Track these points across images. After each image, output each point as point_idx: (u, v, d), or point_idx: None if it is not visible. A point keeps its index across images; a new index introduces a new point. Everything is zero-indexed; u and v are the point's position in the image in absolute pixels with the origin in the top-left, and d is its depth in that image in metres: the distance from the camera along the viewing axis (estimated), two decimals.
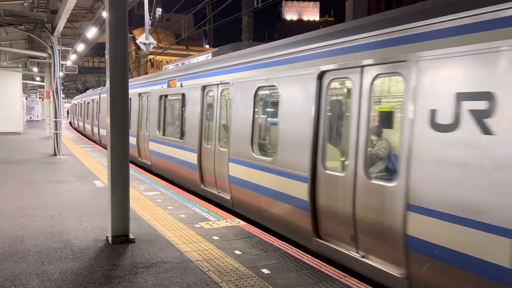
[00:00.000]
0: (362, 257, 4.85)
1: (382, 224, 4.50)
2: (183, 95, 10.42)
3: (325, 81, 5.49)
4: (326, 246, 5.40)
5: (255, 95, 7.09)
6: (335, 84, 5.50)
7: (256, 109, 7.20)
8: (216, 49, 10.95)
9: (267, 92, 7.17)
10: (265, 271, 4.73)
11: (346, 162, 5.15)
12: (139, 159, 13.49)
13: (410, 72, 4.20)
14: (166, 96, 11.68)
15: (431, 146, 3.93)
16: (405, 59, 4.26)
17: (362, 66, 4.87)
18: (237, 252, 5.34)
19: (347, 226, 5.03)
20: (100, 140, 21.17)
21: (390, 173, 4.77)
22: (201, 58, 11.25)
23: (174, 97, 11.41)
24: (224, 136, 8.37)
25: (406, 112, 4.26)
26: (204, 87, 9.20)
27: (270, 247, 5.55)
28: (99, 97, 21.86)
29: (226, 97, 8.40)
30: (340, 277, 4.58)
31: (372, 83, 4.76)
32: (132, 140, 12.91)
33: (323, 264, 4.99)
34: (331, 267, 4.89)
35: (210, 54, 10.82)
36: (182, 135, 10.33)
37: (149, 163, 12.65)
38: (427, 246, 3.95)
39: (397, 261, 4.35)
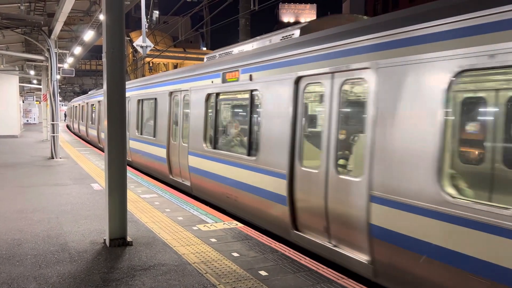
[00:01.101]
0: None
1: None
2: (251, 93, 7.34)
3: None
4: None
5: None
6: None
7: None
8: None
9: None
10: (263, 273, 4.73)
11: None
12: (170, 176, 10.66)
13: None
14: (217, 94, 8.66)
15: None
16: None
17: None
18: (235, 254, 5.34)
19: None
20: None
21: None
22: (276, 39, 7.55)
23: (234, 96, 8.65)
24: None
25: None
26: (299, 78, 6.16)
27: (267, 249, 5.56)
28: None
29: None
30: (338, 279, 4.59)
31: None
32: (157, 152, 11.58)
33: (320, 265, 5.00)
34: (329, 269, 4.90)
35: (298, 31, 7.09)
36: (252, 149, 7.25)
37: (188, 183, 9.72)
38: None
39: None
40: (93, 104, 23.87)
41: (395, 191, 4.32)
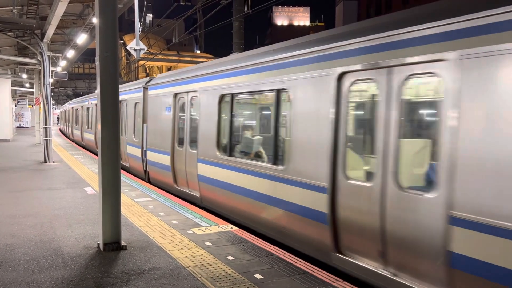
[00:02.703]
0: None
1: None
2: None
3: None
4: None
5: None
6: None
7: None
8: None
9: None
10: (258, 276, 4.72)
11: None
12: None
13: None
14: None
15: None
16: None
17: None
18: (230, 257, 5.33)
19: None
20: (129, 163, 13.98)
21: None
22: None
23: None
24: None
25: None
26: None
27: (262, 252, 5.55)
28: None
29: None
30: (333, 281, 4.59)
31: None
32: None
33: (315, 268, 5.00)
34: (324, 272, 4.89)
35: None
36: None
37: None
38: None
39: None
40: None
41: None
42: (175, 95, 9.91)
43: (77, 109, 27.64)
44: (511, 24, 3.41)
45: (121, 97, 14.33)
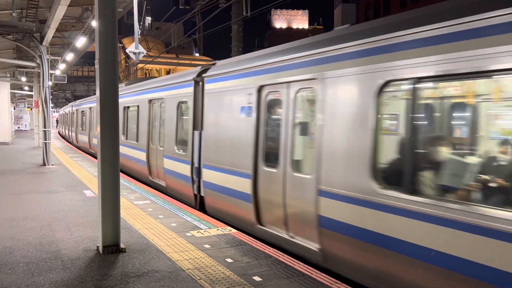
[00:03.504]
0: None
1: None
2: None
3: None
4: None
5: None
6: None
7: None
8: None
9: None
10: (257, 278, 4.74)
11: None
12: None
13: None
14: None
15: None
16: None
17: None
18: (229, 260, 5.34)
19: None
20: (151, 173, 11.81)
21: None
22: None
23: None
24: None
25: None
26: None
27: (261, 254, 5.56)
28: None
29: None
30: (331, 283, 4.61)
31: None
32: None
33: (313, 270, 5.01)
34: (322, 274, 4.91)
35: None
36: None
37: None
38: None
39: None
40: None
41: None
42: (261, 88, 6.69)
43: (83, 111, 24.12)
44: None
45: (152, 95, 11.35)
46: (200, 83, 8.69)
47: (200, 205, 8.65)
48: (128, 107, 14.43)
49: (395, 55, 4.46)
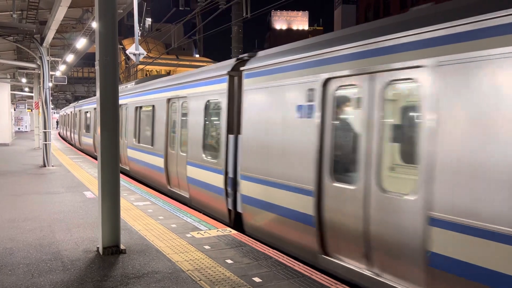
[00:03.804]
0: None
1: None
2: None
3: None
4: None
5: None
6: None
7: None
8: None
9: None
10: (257, 279, 4.74)
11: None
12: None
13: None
14: None
15: None
16: None
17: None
18: (229, 261, 5.34)
19: None
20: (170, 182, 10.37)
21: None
22: None
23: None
24: None
25: None
26: None
27: (261, 255, 5.57)
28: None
29: None
30: (331, 284, 4.61)
31: None
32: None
33: (314, 271, 5.02)
34: (322, 275, 4.92)
35: None
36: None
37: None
38: None
39: None
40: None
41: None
42: (327, 82, 5.33)
43: (87, 111, 22.49)
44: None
45: (171, 94, 9.89)
46: (236, 78, 7.42)
47: (235, 222, 7.37)
48: (141, 107, 12.75)
49: None
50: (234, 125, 7.39)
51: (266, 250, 5.79)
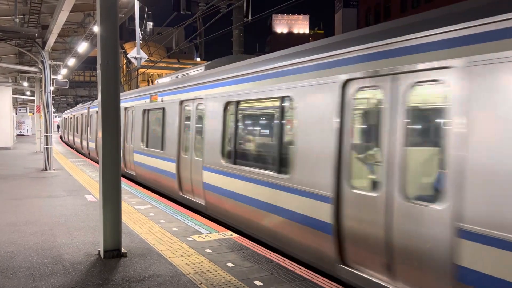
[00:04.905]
0: None
1: None
2: None
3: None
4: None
5: None
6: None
7: None
8: None
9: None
10: (258, 283, 4.73)
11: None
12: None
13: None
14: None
15: None
16: None
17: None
18: (230, 264, 5.34)
19: None
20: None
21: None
22: None
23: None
24: None
25: None
26: None
27: (262, 259, 5.56)
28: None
29: None
30: None
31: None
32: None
33: (315, 275, 5.01)
34: (323, 278, 4.91)
35: None
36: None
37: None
38: None
39: None
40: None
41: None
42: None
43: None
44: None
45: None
46: None
47: None
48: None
49: None
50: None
51: (267, 254, 5.79)
